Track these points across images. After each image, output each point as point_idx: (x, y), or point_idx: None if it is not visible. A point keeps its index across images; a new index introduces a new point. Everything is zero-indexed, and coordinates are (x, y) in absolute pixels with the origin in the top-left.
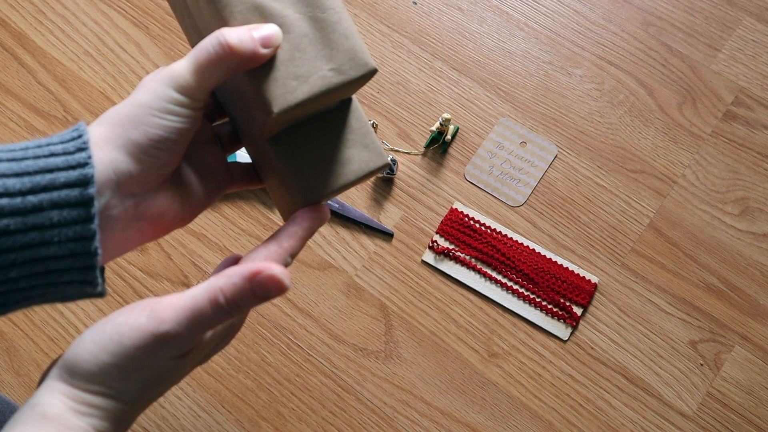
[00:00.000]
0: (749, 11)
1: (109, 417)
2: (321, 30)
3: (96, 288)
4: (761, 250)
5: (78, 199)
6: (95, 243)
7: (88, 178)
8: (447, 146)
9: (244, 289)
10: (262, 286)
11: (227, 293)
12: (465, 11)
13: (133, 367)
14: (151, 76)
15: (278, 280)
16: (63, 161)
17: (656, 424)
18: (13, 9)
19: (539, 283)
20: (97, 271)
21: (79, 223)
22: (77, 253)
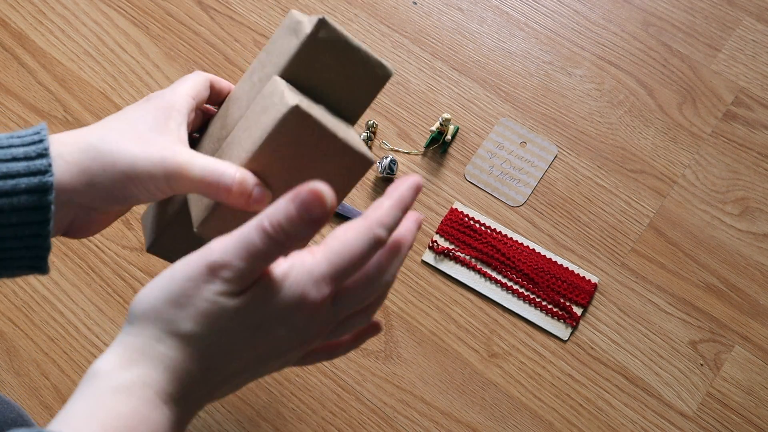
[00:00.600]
0: (749, 11)
1: (164, 366)
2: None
3: (43, 270)
4: (761, 250)
5: (36, 204)
6: (48, 241)
7: (47, 185)
8: (447, 146)
9: (287, 210)
10: (303, 203)
11: (271, 216)
12: (465, 11)
13: (184, 299)
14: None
15: (317, 192)
16: (24, 167)
17: (656, 424)
18: (13, 9)
19: (539, 283)
20: (47, 260)
21: (35, 224)
22: (31, 247)
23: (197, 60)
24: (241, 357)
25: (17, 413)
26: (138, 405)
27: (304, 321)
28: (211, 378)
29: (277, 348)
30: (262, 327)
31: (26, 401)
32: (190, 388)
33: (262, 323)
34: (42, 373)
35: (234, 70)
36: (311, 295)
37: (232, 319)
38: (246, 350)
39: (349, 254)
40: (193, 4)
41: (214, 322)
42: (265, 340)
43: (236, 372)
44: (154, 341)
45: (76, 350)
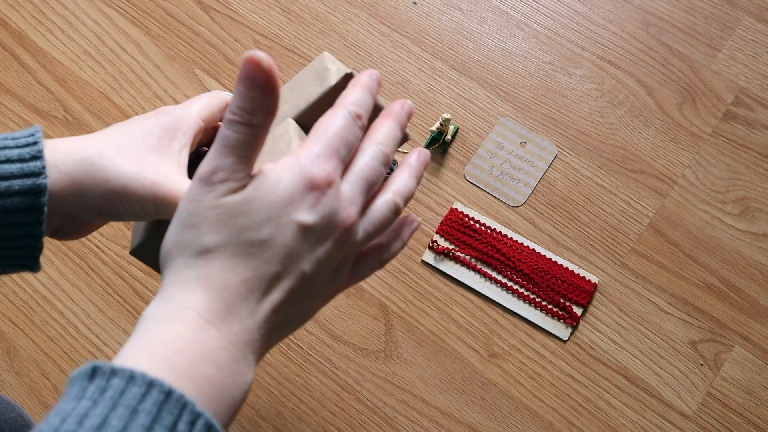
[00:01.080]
0: (749, 11)
1: (200, 287)
2: None
3: (35, 269)
4: (761, 250)
5: (30, 206)
6: (41, 242)
7: (41, 187)
8: (447, 146)
9: (238, 91)
10: (246, 76)
11: (229, 106)
12: (465, 11)
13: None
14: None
15: (252, 59)
16: (18, 169)
17: (656, 424)
18: (13, 9)
19: (539, 283)
20: (39, 259)
21: (28, 225)
22: (23, 246)
23: (197, 60)
24: (272, 254)
25: (17, 413)
26: (181, 328)
27: (316, 199)
28: (252, 286)
29: (307, 238)
30: (277, 214)
31: (26, 401)
32: (234, 302)
33: (275, 210)
34: (42, 373)
35: (234, 70)
36: (312, 171)
37: (243, 212)
38: (272, 246)
39: (332, 130)
40: (193, 4)
41: (228, 224)
42: (287, 227)
43: (277, 276)
44: (184, 268)
45: (76, 350)
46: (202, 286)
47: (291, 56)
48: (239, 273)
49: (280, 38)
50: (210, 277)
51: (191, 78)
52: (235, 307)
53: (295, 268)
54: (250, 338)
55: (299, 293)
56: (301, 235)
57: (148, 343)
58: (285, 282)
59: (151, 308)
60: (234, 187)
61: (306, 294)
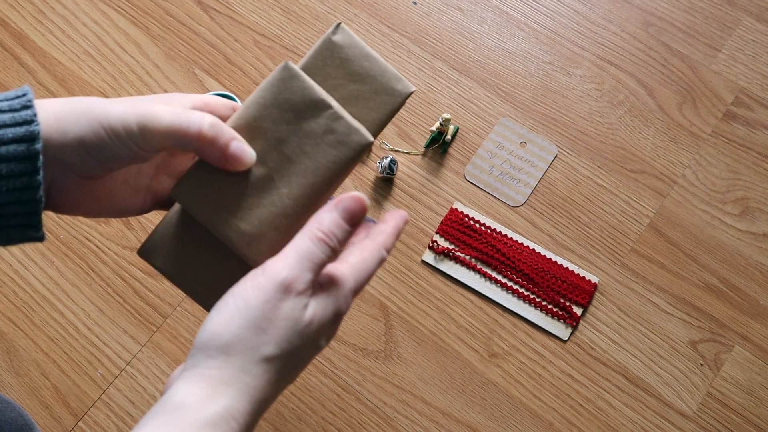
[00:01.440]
0: (749, 11)
1: (249, 397)
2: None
3: (38, 232)
4: (761, 250)
5: (25, 153)
6: (40, 192)
7: (34, 134)
8: (447, 146)
9: (335, 218)
10: (347, 209)
11: (322, 225)
12: (465, 11)
13: (265, 323)
14: (135, 103)
15: (356, 196)
16: (9, 118)
17: (656, 424)
18: (13, 9)
19: (539, 283)
20: (40, 217)
21: (25, 175)
22: (23, 201)
23: (197, 60)
24: (297, 373)
25: (17, 413)
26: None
27: (334, 331)
28: (276, 397)
29: (314, 356)
30: (315, 342)
31: (26, 401)
32: (261, 411)
33: (315, 339)
34: (42, 373)
35: (234, 70)
36: (342, 309)
37: (301, 334)
38: (302, 366)
39: (366, 272)
40: (193, 4)
41: (290, 341)
42: (313, 353)
43: (285, 387)
44: (240, 372)
45: (76, 350)
46: (250, 396)
47: (291, 56)
48: (278, 389)
49: (280, 38)
50: (258, 388)
51: (191, 78)
52: (261, 414)
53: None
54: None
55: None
56: (318, 352)
57: None
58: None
59: (189, 396)
60: (305, 303)
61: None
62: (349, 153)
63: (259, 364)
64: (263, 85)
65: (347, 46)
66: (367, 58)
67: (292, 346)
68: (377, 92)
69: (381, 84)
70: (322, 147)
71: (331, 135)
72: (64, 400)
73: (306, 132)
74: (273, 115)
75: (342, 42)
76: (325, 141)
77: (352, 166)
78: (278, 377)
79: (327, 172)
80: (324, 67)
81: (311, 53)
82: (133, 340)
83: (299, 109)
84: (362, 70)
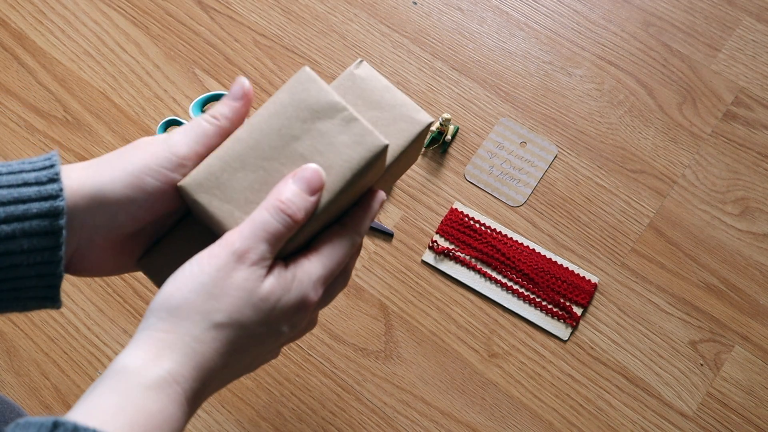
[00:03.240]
0: (749, 11)
1: (194, 363)
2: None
3: (56, 303)
4: (761, 250)
5: (48, 229)
6: (60, 267)
7: (59, 210)
8: (447, 146)
9: (290, 186)
10: (302, 177)
11: (279, 195)
12: (465, 11)
13: (217, 289)
14: (147, 142)
15: (313, 168)
16: (35, 192)
17: (656, 424)
18: (13, 9)
19: (539, 283)
20: (59, 290)
21: (47, 250)
22: (43, 275)
23: (197, 60)
24: (250, 352)
25: (17, 413)
26: (167, 403)
27: (300, 319)
28: (224, 375)
29: (276, 343)
30: (272, 324)
31: (26, 401)
32: (207, 385)
33: (272, 319)
34: (42, 373)
35: (234, 70)
36: (310, 296)
37: (255, 307)
38: (256, 346)
39: (337, 258)
40: (193, 4)
41: (242, 312)
42: (271, 337)
43: (241, 368)
44: (188, 336)
45: (76, 350)
46: (196, 363)
47: (291, 56)
48: (229, 363)
49: (280, 38)
50: (205, 358)
51: (191, 78)
52: (207, 390)
53: (254, 366)
54: (203, 400)
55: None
56: (276, 344)
57: (130, 411)
58: (242, 372)
59: (134, 359)
60: (260, 274)
61: (265, 356)
62: (363, 153)
63: (208, 330)
64: (281, 88)
65: (368, 79)
66: (388, 90)
67: (244, 318)
68: (396, 120)
69: (400, 113)
70: (336, 146)
71: (345, 136)
72: (64, 400)
73: (321, 131)
74: (288, 113)
75: (363, 75)
76: (340, 141)
77: (367, 172)
78: (228, 349)
79: (340, 171)
80: (344, 95)
81: (333, 83)
82: None
83: (315, 109)
84: (382, 99)
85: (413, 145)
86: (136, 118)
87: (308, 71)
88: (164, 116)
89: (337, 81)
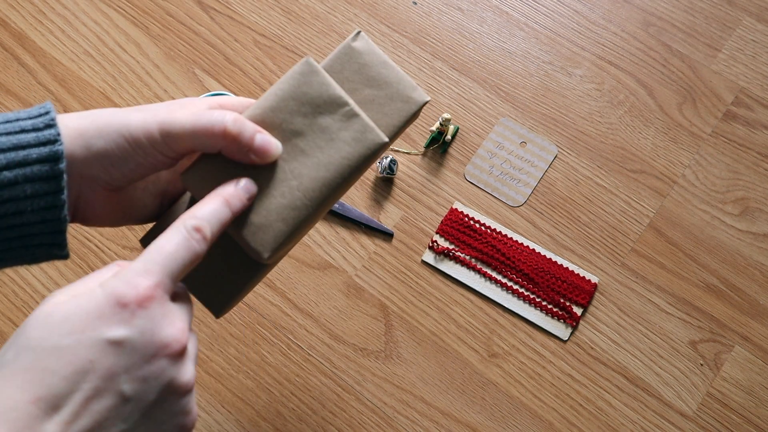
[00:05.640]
0: (749, 11)
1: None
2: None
3: (63, 250)
4: (761, 250)
5: (49, 173)
6: (64, 211)
7: (58, 154)
8: (447, 146)
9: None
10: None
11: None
12: (465, 11)
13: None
14: (153, 110)
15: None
16: (34, 138)
17: (656, 424)
18: (13, 9)
19: (539, 283)
20: (65, 235)
21: (50, 195)
22: (48, 220)
23: (197, 60)
24: (74, 370)
25: None
26: None
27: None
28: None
29: (123, 355)
30: (81, 328)
31: None
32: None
33: (79, 323)
34: None
35: (234, 70)
36: (120, 288)
37: (43, 324)
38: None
39: (160, 246)
40: (193, 4)
41: (25, 335)
42: (94, 342)
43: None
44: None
45: None
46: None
47: (291, 56)
48: (29, 390)
49: (280, 38)
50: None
51: (191, 78)
52: (25, 431)
53: (110, 387)
54: None
55: (118, 417)
56: (113, 351)
57: None
58: (96, 403)
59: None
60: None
61: (132, 419)
62: (362, 151)
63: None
64: (283, 78)
65: (366, 53)
66: (385, 66)
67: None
68: (392, 99)
69: (397, 91)
70: (336, 143)
71: (346, 132)
72: None
73: (321, 126)
74: (290, 107)
75: (361, 48)
76: (340, 137)
77: (365, 166)
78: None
79: (339, 167)
80: (342, 71)
81: (330, 57)
82: None
83: (316, 103)
84: (379, 76)
85: (408, 121)
86: None
87: (311, 63)
88: None
89: (335, 54)
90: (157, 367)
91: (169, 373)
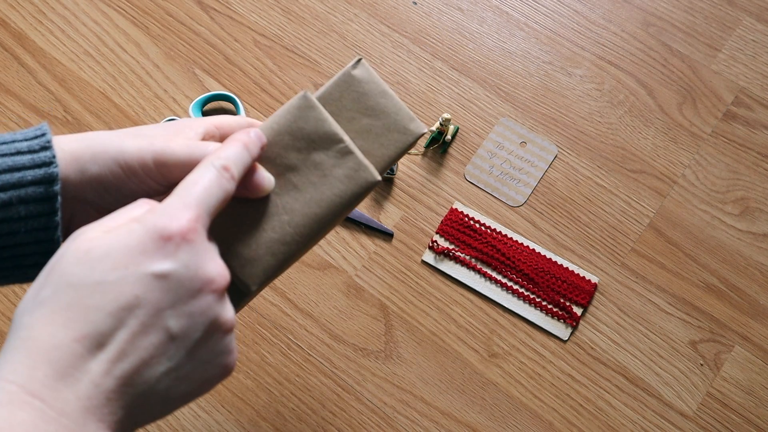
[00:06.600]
0: (749, 11)
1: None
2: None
3: None
4: (761, 250)
5: (43, 195)
6: (57, 233)
7: (53, 176)
8: (447, 146)
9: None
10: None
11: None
12: (465, 11)
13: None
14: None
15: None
16: (29, 160)
17: (656, 424)
18: (13, 9)
19: (539, 283)
20: None
21: (44, 216)
22: (41, 241)
23: (197, 60)
24: (118, 306)
25: None
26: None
27: (175, 249)
28: (91, 344)
29: (168, 290)
30: (125, 263)
31: None
32: (67, 365)
33: (122, 259)
34: None
35: (234, 70)
36: (163, 221)
37: (81, 261)
38: (120, 296)
39: (196, 185)
40: (193, 4)
41: (64, 273)
42: (139, 277)
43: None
44: (16, 327)
45: None
46: (27, 349)
47: (291, 56)
48: (72, 328)
49: (280, 38)
50: (35, 337)
51: (191, 78)
52: (69, 370)
53: (156, 323)
54: (90, 404)
55: (164, 355)
56: (159, 285)
57: None
58: (143, 340)
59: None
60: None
61: (177, 357)
62: (355, 189)
63: (34, 310)
64: (279, 111)
65: (365, 81)
66: (384, 95)
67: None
68: (389, 129)
69: (394, 122)
70: (329, 179)
71: (339, 169)
72: None
73: (315, 162)
74: (285, 141)
75: (361, 77)
76: (333, 174)
77: (357, 202)
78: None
79: (331, 204)
80: (340, 99)
81: (329, 84)
82: None
83: (311, 138)
84: (377, 105)
85: (403, 152)
86: (136, 118)
87: (308, 97)
88: (164, 116)
89: (334, 81)
90: (203, 303)
91: (214, 309)
